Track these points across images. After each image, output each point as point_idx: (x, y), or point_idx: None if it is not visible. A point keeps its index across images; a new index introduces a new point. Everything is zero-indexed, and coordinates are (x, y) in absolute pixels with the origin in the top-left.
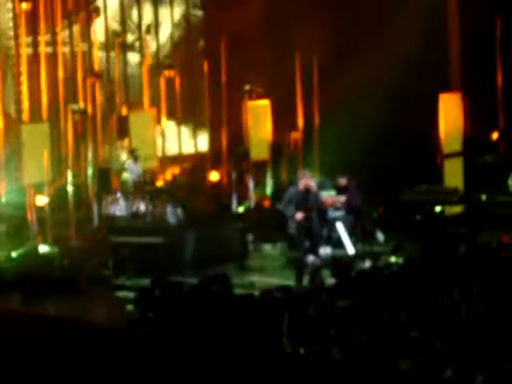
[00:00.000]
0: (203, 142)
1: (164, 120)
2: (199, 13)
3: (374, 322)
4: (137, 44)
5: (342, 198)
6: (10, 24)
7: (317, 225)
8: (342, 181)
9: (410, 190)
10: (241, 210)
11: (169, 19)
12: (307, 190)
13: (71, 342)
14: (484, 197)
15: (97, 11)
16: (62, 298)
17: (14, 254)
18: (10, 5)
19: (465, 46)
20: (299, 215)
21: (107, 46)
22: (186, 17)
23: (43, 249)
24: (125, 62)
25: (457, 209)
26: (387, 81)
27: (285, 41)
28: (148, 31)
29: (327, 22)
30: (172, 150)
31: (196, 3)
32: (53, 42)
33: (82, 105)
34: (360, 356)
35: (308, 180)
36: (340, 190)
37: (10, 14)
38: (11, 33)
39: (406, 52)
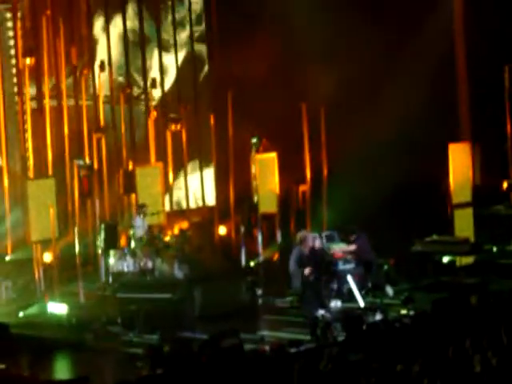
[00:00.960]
0: (211, 196)
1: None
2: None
3: (386, 374)
4: (142, 97)
5: (352, 247)
6: (14, 80)
7: (324, 281)
8: (352, 237)
9: (420, 240)
10: (251, 264)
11: (174, 71)
12: (314, 250)
13: None
14: (495, 247)
15: (102, 65)
16: (70, 356)
17: (21, 314)
18: (13, 60)
19: (474, 96)
20: (308, 270)
21: (112, 100)
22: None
23: (51, 307)
24: (130, 116)
25: (468, 259)
26: (396, 131)
27: (292, 93)
28: (153, 85)
29: (334, 74)
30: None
31: (202, 54)
32: (57, 97)
33: (88, 160)
34: None
35: (311, 242)
36: (350, 242)
37: (14, 70)
38: (15, 89)
39: (415, 103)
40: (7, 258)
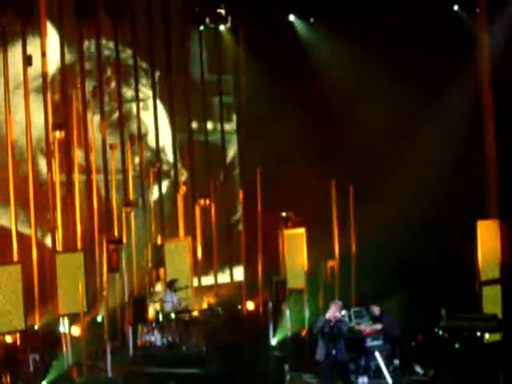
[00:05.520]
0: (239, 270)
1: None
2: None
3: None
4: (172, 172)
5: (379, 326)
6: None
7: (352, 357)
8: (375, 310)
9: (447, 317)
10: (278, 339)
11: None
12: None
13: None
14: None
15: (132, 139)
16: None
17: None
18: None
19: (502, 172)
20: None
21: (142, 175)
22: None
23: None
24: (160, 191)
25: (495, 336)
26: (425, 208)
27: (320, 169)
28: (182, 161)
29: (361, 151)
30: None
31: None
32: (87, 171)
33: (116, 234)
34: None
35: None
36: (375, 319)
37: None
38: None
39: (443, 179)
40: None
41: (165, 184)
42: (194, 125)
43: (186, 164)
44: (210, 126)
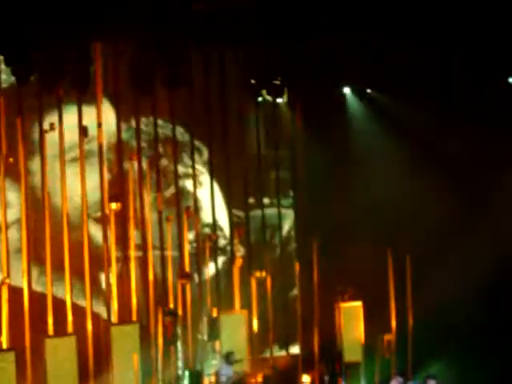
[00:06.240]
0: (295, 343)
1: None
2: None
3: None
4: (227, 247)
5: None
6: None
7: None
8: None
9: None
10: None
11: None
12: None
13: None
14: None
15: (187, 213)
16: None
17: None
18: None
19: None
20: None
21: (198, 248)
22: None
23: None
24: (215, 264)
25: None
26: (480, 280)
27: (377, 240)
28: (240, 236)
29: (417, 224)
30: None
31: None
32: (143, 247)
33: (172, 306)
34: None
35: None
36: None
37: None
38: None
39: (498, 253)
40: None
41: (221, 258)
42: (250, 200)
43: (242, 238)
44: (266, 200)
